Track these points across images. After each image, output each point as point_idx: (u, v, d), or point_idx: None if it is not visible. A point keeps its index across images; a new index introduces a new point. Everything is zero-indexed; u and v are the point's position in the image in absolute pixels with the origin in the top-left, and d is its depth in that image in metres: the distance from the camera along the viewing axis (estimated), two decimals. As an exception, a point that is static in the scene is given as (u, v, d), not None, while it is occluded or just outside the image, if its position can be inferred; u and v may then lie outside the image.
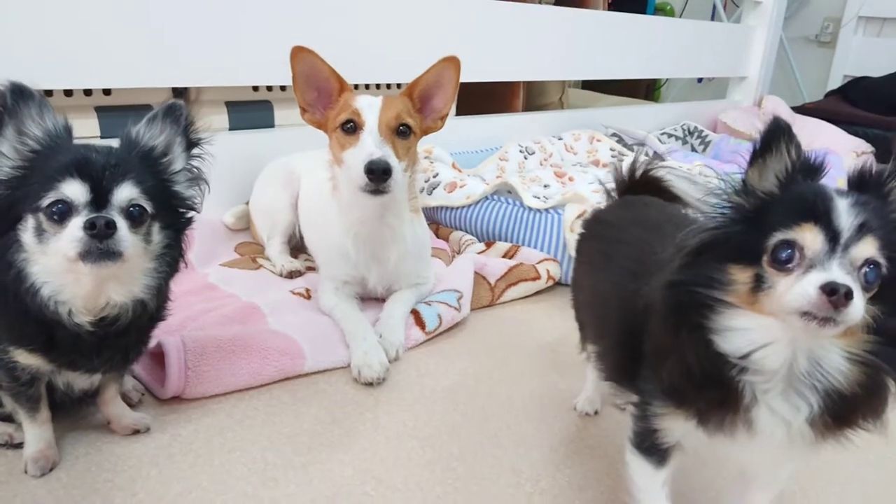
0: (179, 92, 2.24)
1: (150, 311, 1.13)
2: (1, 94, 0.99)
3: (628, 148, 3.09)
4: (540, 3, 3.38)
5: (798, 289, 0.76)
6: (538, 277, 1.98)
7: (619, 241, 1.11)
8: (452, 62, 1.61)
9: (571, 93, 4.17)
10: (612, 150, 3.01)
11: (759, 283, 0.80)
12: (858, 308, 0.74)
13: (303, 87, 1.62)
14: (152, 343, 1.27)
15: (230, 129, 2.28)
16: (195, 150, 1.15)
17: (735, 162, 3.30)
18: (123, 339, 1.11)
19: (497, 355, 1.68)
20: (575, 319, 1.35)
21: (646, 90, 5.42)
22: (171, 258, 1.12)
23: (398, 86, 2.80)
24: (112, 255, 0.98)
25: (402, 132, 1.57)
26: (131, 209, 1.02)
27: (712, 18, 5.19)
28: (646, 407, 0.97)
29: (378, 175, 1.47)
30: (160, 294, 1.13)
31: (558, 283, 2.08)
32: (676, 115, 3.92)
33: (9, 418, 1.21)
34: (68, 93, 1.98)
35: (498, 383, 1.55)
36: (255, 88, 2.39)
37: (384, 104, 1.56)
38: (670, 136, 3.65)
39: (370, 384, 1.49)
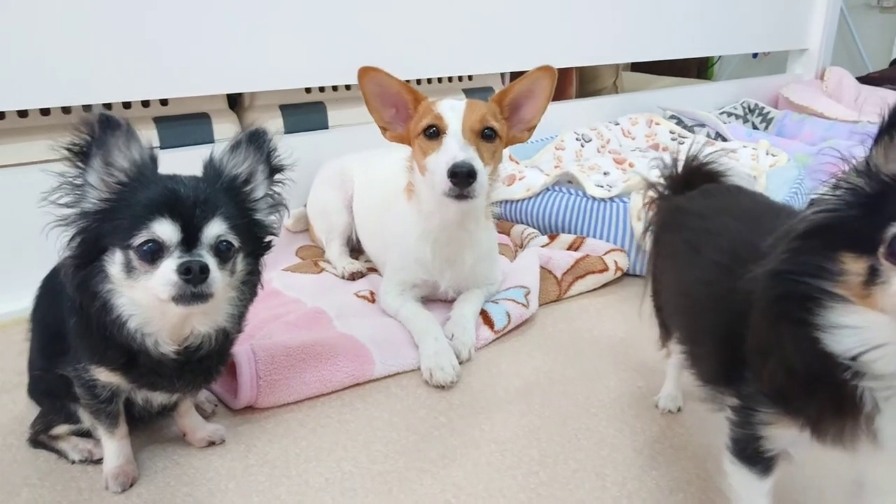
0: (234, 98, 2.25)
1: (232, 337, 1.13)
2: (89, 125, 0.97)
3: (689, 130, 2.98)
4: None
5: None
6: (606, 269, 1.92)
7: (708, 233, 1.04)
8: (548, 72, 1.56)
9: (624, 76, 4.06)
10: (671, 132, 2.91)
11: (873, 276, 0.71)
12: None
13: (378, 107, 1.61)
14: (223, 354, 1.26)
15: (285, 132, 2.27)
16: (277, 177, 1.13)
17: (801, 139, 3.16)
18: (205, 362, 1.11)
19: (569, 352, 1.62)
20: (654, 315, 1.30)
21: (697, 70, 5.25)
22: (252, 284, 1.12)
23: (457, 79, 2.76)
24: (204, 297, 0.97)
25: (487, 135, 1.52)
26: (220, 245, 1.01)
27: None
28: (748, 412, 0.90)
29: (462, 178, 1.43)
30: (241, 320, 1.13)
31: (626, 274, 2.01)
32: (734, 93, 3.77)
33: (88, 434, 1.22)
34: (127, 105, 2.00)
35: (573, 382, 1.50)
36: (308, 90, 2.37)
37: (468, 107, 1.52)
38: (730, 114, 3.52)
39: (442, 387, 1.46)
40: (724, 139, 2.90)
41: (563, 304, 1.87)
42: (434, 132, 1.52)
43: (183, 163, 1.10)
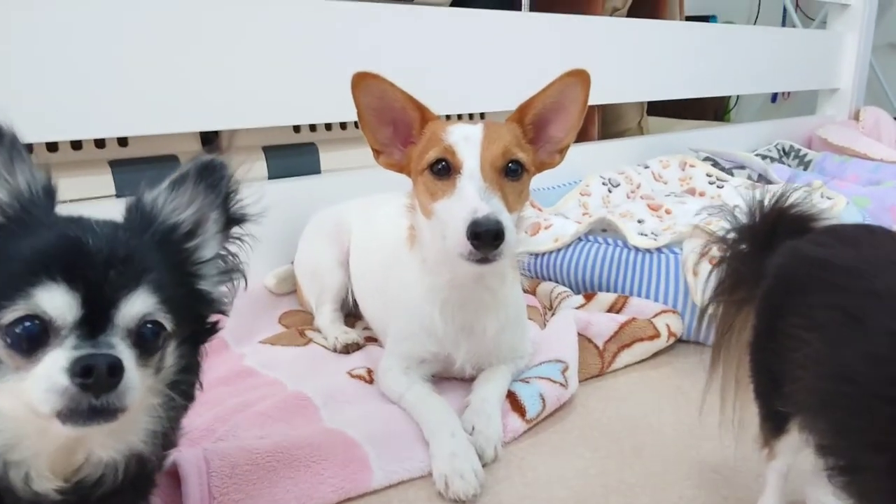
0: (209, 138, 1.94)
1: (152, 465, 0.76)
2: None
3: (727, 172, 2.67)
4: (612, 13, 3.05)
5: None
6: (657, 335, 1.57)
7: (874, 295, 0.71)
8: (579, 77, 1.23)
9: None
10: (708, 175, 2.60)
11: None
12: None
13: (373, 124, 1.26)
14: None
15: (269, 177, 1.97)
16: (235, 230, 0.81)
17: (848, 179, 2.87)
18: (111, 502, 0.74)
19: (624, 446, 1.26)
20: (758, 404, 0.95)
21: (714, 115, 5.02)
22: (187, 385, 0.77)
23: (467, 116, 2.46)
24: (110, 413, 0.63)
25: (511, 171, 1.18)
26: (143, 329, 0.67)
27: (783, 25, 4.78)
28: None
29: (487, 241, 1.09)
30: (167, 440, 0.77)
31: (680, 340, 1.66)
32: (764, 134, 3.53)
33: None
34: (76, 145, 1.68)
35: (636, 490, 1.13)
36: (297, 129, 2.08)
37: (486, 135, 1.18)
38: (764, 157, 3.24)
39: (462, 502, 1.09)
40: (769, 181, 2.59)
41: (607, 381, 1.51)
42: (444, 168, 1.19)
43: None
